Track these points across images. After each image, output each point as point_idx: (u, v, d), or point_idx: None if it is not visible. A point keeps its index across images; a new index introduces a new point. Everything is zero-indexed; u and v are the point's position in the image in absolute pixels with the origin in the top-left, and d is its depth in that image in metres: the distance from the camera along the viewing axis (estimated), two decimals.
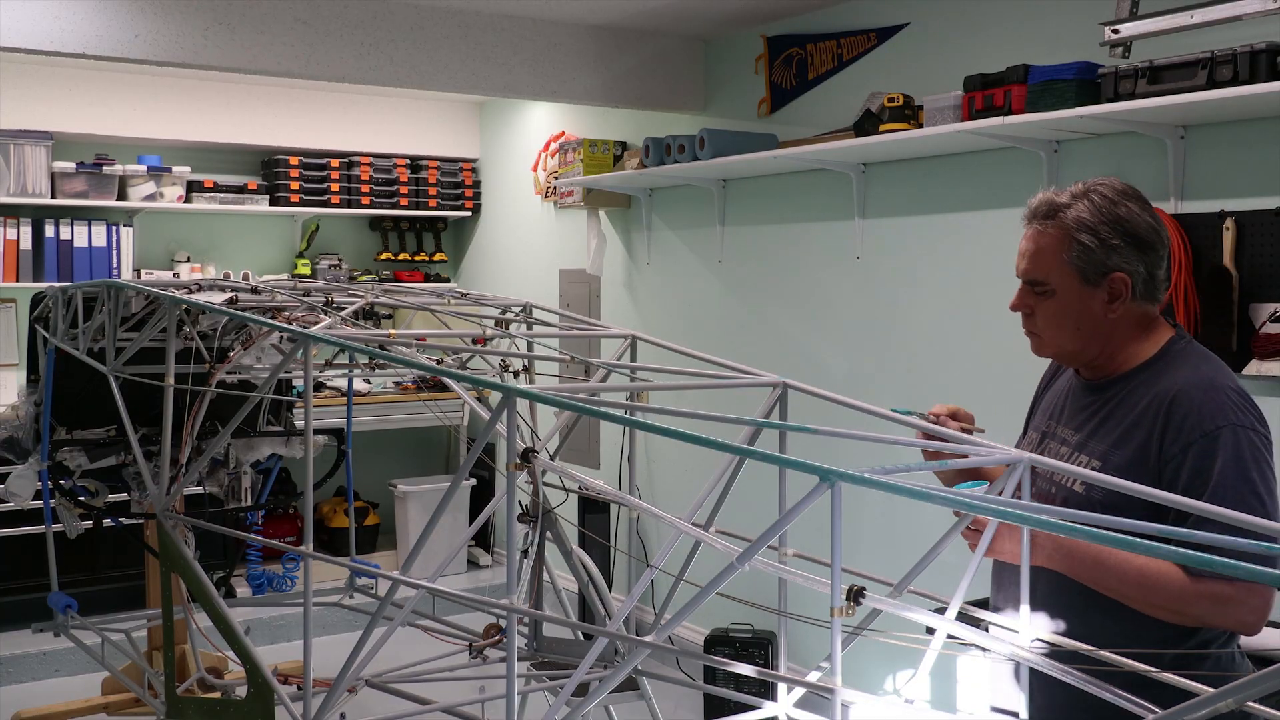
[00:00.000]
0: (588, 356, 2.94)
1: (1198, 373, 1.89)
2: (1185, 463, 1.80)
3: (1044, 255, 1.96)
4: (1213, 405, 1.83)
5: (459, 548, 2.39)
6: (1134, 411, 1.90)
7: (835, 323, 4.18)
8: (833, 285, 4.19)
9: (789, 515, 1.18)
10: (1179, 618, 1.77)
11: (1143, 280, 1.93)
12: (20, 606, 4.65)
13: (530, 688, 2.56)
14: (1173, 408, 1.84)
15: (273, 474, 3.43)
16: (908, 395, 3.82)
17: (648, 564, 1.79)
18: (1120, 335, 1.96)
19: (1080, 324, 1.95)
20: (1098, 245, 1.90)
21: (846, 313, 4.13)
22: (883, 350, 3.99)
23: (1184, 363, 1.92)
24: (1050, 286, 1.95)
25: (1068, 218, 1.94)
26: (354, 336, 2.18)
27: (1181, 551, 1.02)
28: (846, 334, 4.13)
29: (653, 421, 1.56)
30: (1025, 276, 2.01)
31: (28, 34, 3.56)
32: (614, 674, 1.56)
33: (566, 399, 1.56)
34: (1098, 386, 2.00)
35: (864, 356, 4.06)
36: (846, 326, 4.13)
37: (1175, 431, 1.82)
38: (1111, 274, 1.91)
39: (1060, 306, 1.95)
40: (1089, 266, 1.91)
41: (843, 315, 4.15)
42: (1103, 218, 1.92)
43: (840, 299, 4.16)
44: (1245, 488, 1.77)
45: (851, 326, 4.11)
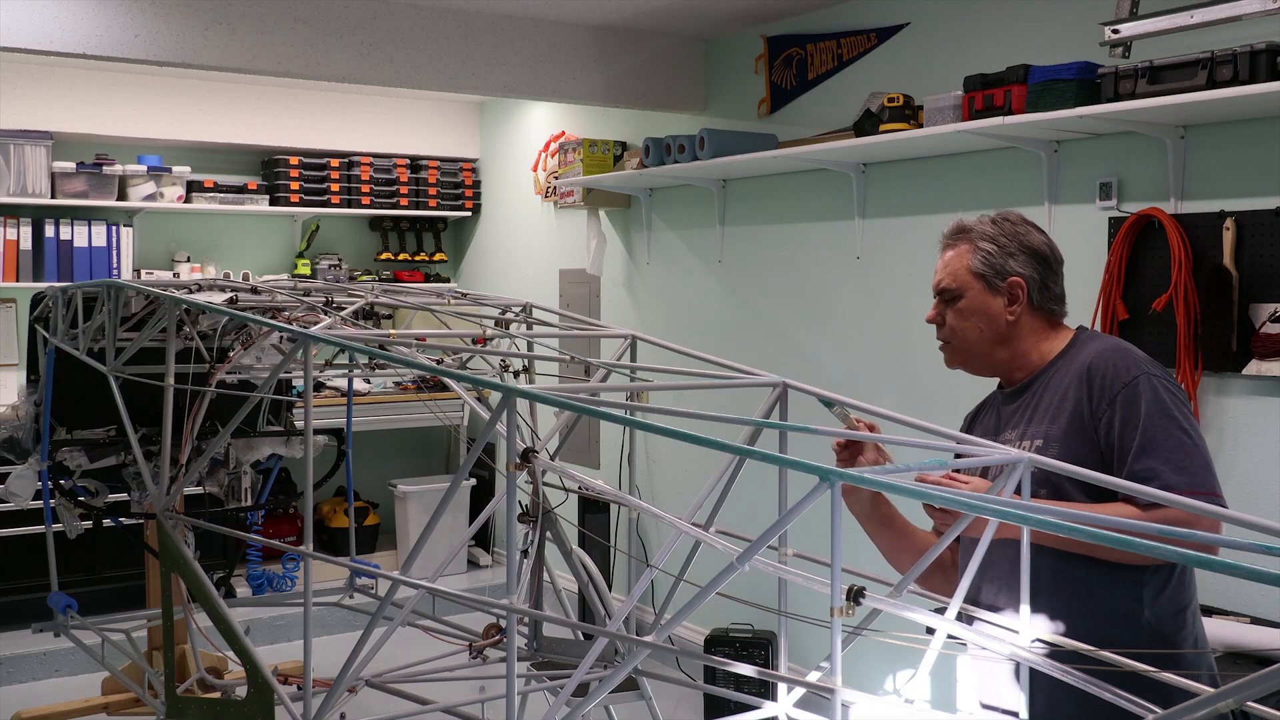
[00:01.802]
0: (588, 356, 2.94)
1: (1106, 343, 2.15)
2: (1115, 414, 2.01)
3: (952, 266, 2.23)
4: (1125, 362, 2.06)
5: (459, 548, 2.39)
6: (1059, 391, 2.12)
7: (835, 323, 4.18)
8: (833, 285, 4.19)
9: (789, 515, 1.18)
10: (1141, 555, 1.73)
11: (1038, 287, 2.20)
12: (20, 606, 4.65)
13: (530, 688, 2.56)
14: (1090, 374, 2.07)
15: (273, 474, 3.42)
16: (907, 395, 3.82)
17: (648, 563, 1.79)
18: (1025, 339, 2.20)
19: (984, 325, 2.19)
20: (997, 252, 2.19)
21: (846, 313, 4.13)
22: (883, 350, 3.99)
23: (1091, 341, 2.19)
24: (958, 290, 2.21)
25: (973, 233, 2.23)
26: (354, 336, 2.18)
27: (1182, 552, 1.02)
28: (846, 334, 4.13)
29: (652, 422, 1.56)
30: (937, 287, 2.25)
31: (28, 34, 3.56)
32: (614, 674, 1.56)
33: (566, 399, 1.56)
34: (1018, 391, 2.22)
35: (864, 356, 4.06)
36: (846, 326, 4.13)
37: (1099, 392, 2.04)
38: (1010, 278, 2.18)
39: (967, 307, 2.20)
40: (991, 271, 2.18)
41: (843, 315, 4.15)
42: (1002, 230, 2.23)
43: (840, 299, 4.16)
44: (1172, 425, 1.97)
45: (851, 326, 4.11)
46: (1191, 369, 2.98)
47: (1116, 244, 3.14)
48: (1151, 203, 3.10)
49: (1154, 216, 3.05)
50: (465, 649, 2.94)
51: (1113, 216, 3.21)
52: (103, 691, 3.70)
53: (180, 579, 2.56)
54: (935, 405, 3.70)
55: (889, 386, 3.91)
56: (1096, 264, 3.21)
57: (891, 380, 3.94)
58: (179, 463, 2.57)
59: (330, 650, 2.96)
